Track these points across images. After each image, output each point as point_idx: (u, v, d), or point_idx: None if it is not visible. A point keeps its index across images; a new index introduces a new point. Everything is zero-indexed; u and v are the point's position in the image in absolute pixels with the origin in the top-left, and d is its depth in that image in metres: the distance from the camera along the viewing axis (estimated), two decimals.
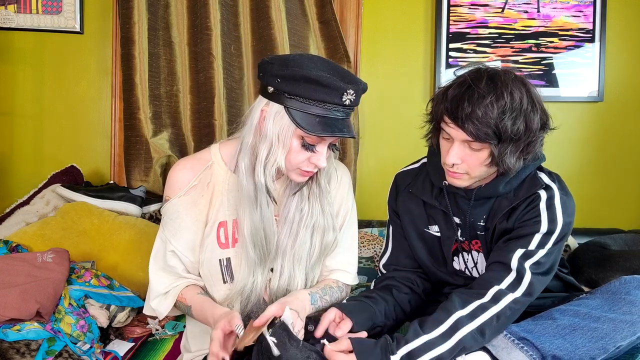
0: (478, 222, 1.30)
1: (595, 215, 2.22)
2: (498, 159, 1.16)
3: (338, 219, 1.34)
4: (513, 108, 1.13)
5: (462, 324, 1.13)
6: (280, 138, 1.13)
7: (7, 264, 1.45)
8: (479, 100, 1.12)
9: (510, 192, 1.26)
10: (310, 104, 1.11)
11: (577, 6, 2.18)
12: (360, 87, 1.14)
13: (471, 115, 1.12)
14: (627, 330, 1.13)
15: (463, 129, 1.14)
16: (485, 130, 1.12)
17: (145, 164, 2.11)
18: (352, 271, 1.37)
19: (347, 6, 2.19)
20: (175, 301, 1.26)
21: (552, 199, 1.23)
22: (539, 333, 1.14)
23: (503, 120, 1.12)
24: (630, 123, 2.23)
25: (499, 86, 1.14)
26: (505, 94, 1.13)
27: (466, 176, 1.22)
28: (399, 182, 1.44)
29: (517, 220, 1.24)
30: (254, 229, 1.19)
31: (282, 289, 1.25)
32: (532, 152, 1.19)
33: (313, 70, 1.10)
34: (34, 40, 2.22)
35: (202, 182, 1.26)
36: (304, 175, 1.20)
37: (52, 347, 1.32)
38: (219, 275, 1.25)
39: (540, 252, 1.19)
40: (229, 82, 2.12)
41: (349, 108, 1.15)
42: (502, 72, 1.18)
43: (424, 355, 1.09)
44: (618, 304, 1.17)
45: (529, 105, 1.15)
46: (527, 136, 1.16)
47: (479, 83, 1.14)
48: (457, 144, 1.18)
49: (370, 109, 2.24)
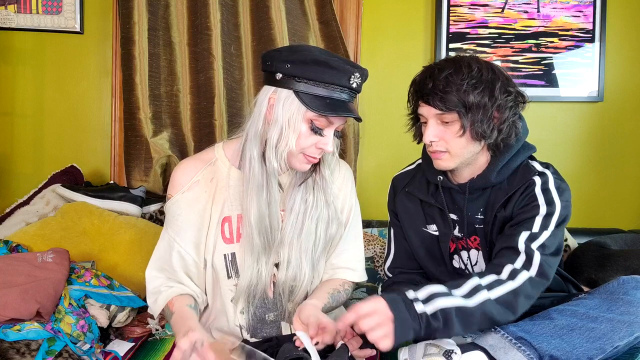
0: (476, 216, 1.32)
1: (595, 215, 2.22)
2: (470, 128, 1.22)
3: (342, 215, 1.35)
4: (472, 76, 1.21)
5: (480, 288, 1.13)
6: (291, 122, 1.16)
7: (7, 264, 1.45)
8: (439, 74, 1.22)
9: (503, 181, 1.29)
10: (319, 86, 1.15)
11: (577, 6, 2.18)
12: (364, 71, 1.20)
13: (434, 89, 1.22)
14: (625, 330, 1.13)
15: (429, 104, 1.23)
16: (450, 99, 1.20)
17: (145, 164, 2.11)
18: (359, 268, 1.38)
19: (347, 6, 2.19)
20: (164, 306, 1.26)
21: (546, 183, 1.26)
22: (537, 333, 1.15)
23: (463, 87, 1.20)
24: (630, 123, 2.23)
25: (456, 60, 1.24)
26: (462, 67, 1.22)
27: (447, 155, 1.26)
28: (396, 184, 1.47)
29: (516, 206, 1.26)
30: (260, 216, 1.21)
31: (288, 281, 1.26)
32: (506, 121, 1.24)
33: (320, 55, 1.17)
34: (34, 40, 2.22)
35: (205, 178, 1.28)
36: (308, 162, 1.21)
37: (52, 347, 1.32)
38: (224, 271, 1.26)
39: (545, 234, 1.21)
40: (229, 82, 2.12)
41: (354, 91, 1.20)
42: (462, 54, 1.28)
43: (449, 299, 1.10)
44: (616, 304, 1.17)
45: (489, 74, 1.23)
46: (492, 102, 1.22)
47: (440, 63, 1.27)
48: (431, 121, 1.25)
49: (370, 109, 2.24)
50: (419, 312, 1.08)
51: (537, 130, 2.24)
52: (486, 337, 1.18)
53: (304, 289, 1.27)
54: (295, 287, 1.26)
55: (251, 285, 1.23)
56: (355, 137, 2.14)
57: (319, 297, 1.27)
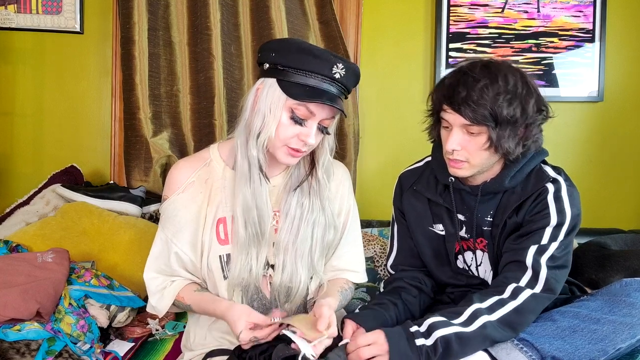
0: (485, 218, 1.30)
1: (595, 215, 2.22)
2: (496, 142, 1.18)
3: (340, 218, 1.34)
4: (507, 91, 1.16)
5: (480, 313, 1.13)
6: (272, 109, 1.16)
7: (7, 264, 1.45)
8: (474, 84, 1.16)
9: (516, 186, 1.27)
10: (301, 74, 1.14)
11: (577, 6, 2.18)
12: (350, 66, 1.17)
13: (467, 99, 1.16)
14: (627, 332, 1.13)
15: (460, 113, 1.17)
16: (482, 113, 1.15)
17: (145, 164, 2.11)
18: (361, 269, 1.38)
19: (347, 6, 2.19)
20: (174, 300, 1.27)
21: (559, 192, 1.24)
22: (539, 334, 1.15)
23: (498, 102, 1.15)
24: (630, 123, 2.23)
25: (492, 71, 1.18)
26: (499, 78, 1.17)
27: (466, 164, 1.23)
28: (403, 181, 1.44)
29: (527, 214, 1.25)
30: (246, 207, 1.20)
31: (284, 285, 1.25)
32: (530, 137, 1.22)
33: (306, 44, 1.17)
34: (34, 40, 2.22)
35: (200, 179, 1.27)
36: (292, 155, 1.20)
37: (52, 347, 1.32)
38: (220, 272, 1.25)
39: (553, 245, 1.20)
40: (229, 82, 2.12)
41: (339, 84, 1.17)
42: (497, 61, 1.23)
43: (448, 328, 1.11)
44: (618, 306, 1.17)
45: (523, 89, 1.18)
46: (523, 119, 1.18)
47: (474, 69, 1.19)
48: (456, 129, 1.21)
49: (370, 109, 2.24)
50: (418, 345, 1.11)
51: None
52: None
53: (301, 292, 1.27)
54: (292, 289, 1.26)
55: (242, 280, 1.22)
56: (355, 137, 2.13)
57: (332, 294, 1.27)
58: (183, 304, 1.27)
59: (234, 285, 1.24)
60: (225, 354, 1.23)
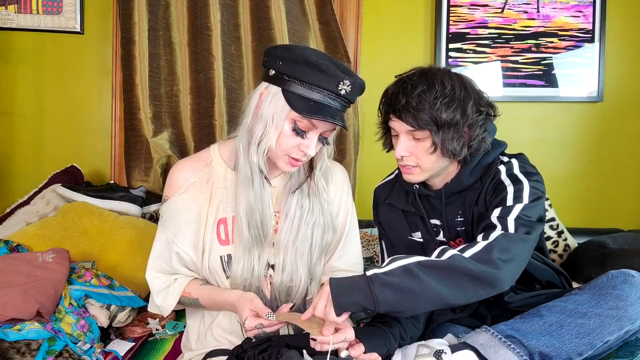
0: (456, 219, 1.33)
1: (595, 215, 2.22)
2: (441, 145, 1.22)
3: (338, 219, 1.35)
4: (445, 95, 1.20)
5: (450, 250, 1.13)
6: (275, 119, 1.16)
7: (7, 264, 1.45)
8: (412, 91, 1.21)
9: (477, 181, 1.30)
10: (307, 87, 1.14)
11: (577, 6, 2.18)
12: (357, 81, 1.17)
13: (407, 105, 1.21)
14: (614, 325, 1.13)
15: (402, 120, 1.22)
16: (422, 117, 1.20)
17: (145, 164, 2.11)
18: (360, 270, 1.39)
19: (347, 6, 2.20)
20: (180, 297, 1.27)
21: (511, 169, 1.27)
22: (526, 330, 1.15)
23: (436, 106, 1.19)
24: (630, 123, 2.23)
25: (429, 77, 1.23)
26: (436, 83, 1.21)
27: (418, 169, 1.27)
28: (377, 195, 1.48)
29: (486, 196, 1.28)
30: (249, 209, 1.21)
31: (284, 284, 1.26)
32: (475, 137, 1.24)
33: (314, 56, 1.15)
34: (34, 40, 2.22)
35: (201, 179, 1.28)
36: (292, 164, 1.21)
37: (53, 346, 1.32)
38: (221, 271, 1.26)
39: (518, 206, 1.20)
40: (229, 82, 2.12)
41: (344, 99, 1.17)
42: (435, 67, 1.27)
43: (410, 259, 1.11)
44: (605, 299, 1.17)
45: (461, 92, 1.22)
46: (464, 120, 1.22)
47: (413, 77, 1.25)
48: (402, 136, 1.26)
49: (370, 109, 2.22)
50: (367, 274, 1.09)
51: (537, 130, 2.24)
52: (476, 336, 1.19)
53: (302, 292, 1.28)
54: (292, 289, 1.27)
55: (244, 281, 1.24)
56: (355, 137, 2.14)
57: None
58: (190, 299, 1.27)
59: (236, 285, 1.24)
60: (225, 354, 1.23)
